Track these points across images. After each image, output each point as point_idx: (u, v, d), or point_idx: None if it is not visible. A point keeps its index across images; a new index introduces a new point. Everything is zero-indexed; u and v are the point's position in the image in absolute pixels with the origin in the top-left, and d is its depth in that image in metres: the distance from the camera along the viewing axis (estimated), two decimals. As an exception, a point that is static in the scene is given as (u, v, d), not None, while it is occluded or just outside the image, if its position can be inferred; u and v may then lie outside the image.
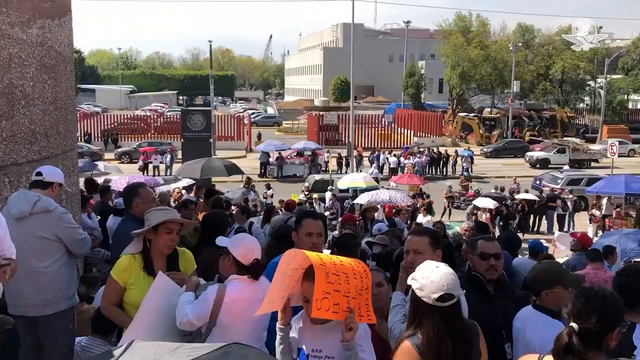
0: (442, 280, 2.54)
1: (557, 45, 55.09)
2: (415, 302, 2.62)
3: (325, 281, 2.54)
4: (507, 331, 3.49)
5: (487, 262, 3.62)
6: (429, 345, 2.52)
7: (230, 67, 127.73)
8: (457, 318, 2.61)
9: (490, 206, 18.37)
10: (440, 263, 2.70)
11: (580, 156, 35.45)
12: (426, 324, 2.55)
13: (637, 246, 11.68)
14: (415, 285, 2.61)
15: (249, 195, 17.81)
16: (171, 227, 3.70)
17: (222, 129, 42.30)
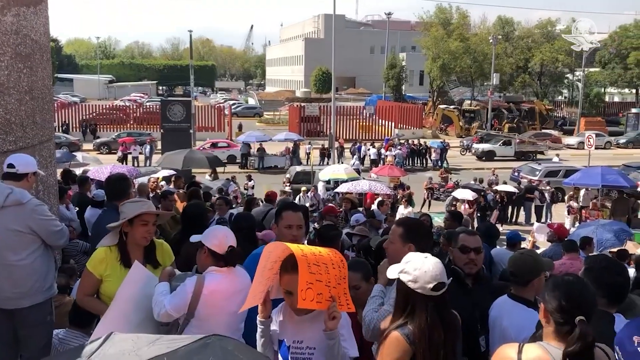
0: (435, 269, 2.60)
1: (536, 38, 55.68)
2: (406, 293, 2.64)
3: (307, 272, 2.55)
4: (483, 324, 3.52)
5: (467, 255, 3.62)
6: (421, 334, 2.56)
7: (211, 57, 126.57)
8: (446, 308, 2.67)
9: (469, 197, 18.56)
10: (426, 254, 2.73)
11: (526, 148, 35.68)
12: (419, 314, 2.58)
13: (612, 237, 11.93)
14: (407, 277, 2.62)
15: (229, 186, 17.74)
16: (147, 219, 3.68)
17: (203, 120, 42.00)
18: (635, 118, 47.54)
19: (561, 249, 8.15)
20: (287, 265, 2.66)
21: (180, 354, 1.63)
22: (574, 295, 2.37)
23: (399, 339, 2.59)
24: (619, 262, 3.27)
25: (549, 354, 2.32)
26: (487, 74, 50.05)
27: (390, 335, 2.64)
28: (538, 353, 2.34)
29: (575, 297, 2.36)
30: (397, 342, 2.60)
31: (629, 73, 53.34)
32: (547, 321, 2.40)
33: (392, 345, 2.61)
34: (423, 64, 56.35)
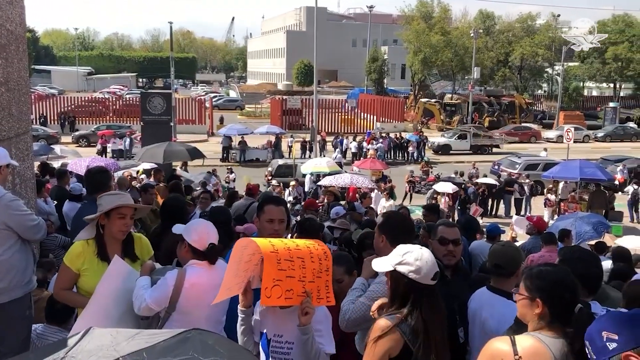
0: (433, 259, 2.68)
1: (516, 33, 56.13)
2: (404, 285, 2.65)
3: (276, 269, 2.56)
4: (462, 316, 3.56)
5: (446, 247, 3.66)
6: (425, 324, 2.60)
7: (192, 49, 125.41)
8: (438, 296, 2.73)
9: (449, 191, 18.72)
10: (422, 246, 2.78)
11: (482, 142, 35.94)
12: (419, 304, 2.62)
13: (591, 229, 12.14)
14: (409, 268, 2.63)
15: (210, 180, 17.64)
16: (124, 212, 3.63)
17: (183, 113, 41.64)
18: (613, 112, 48.21)
19: (540, 242, 8.25)
20: None
21: (159, 348, 1.62)
22: (571, 285, 2.46)
23: (391, 329, 2.61)
24: (592, 253, 3.33)
25: (542, 342, 2.36)
26: (468, 68, 50.34)
27: (381, 324, 2.65)
28: (532, 342, 2.38)
29: (572, 286, 2.46)
30: (389, 332, 2.61)
31: (607, 68, 54.06)
32: (542, 314, 2.43)
33: (388, 342, 2.61)
34: (405, 58, 56.46)
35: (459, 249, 3.73)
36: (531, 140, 41.04)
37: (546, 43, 54.28)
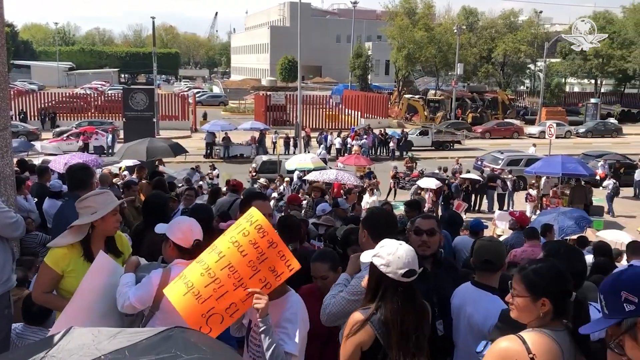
0: (407, 256, 2.67)
1: (499, 29, 56.56)
2: (378, 277, 2.70)
3: (199, 310, 2.58)
4: (441, 309, 3.57)
5: (420, 237, 3.68)
6: (393, 318, 2.62)
7: (175, 44, 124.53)
8: (416, 293, 2.74)
9: (433, 186, 18.83)
10: (402, 241, 2.79)
11: (443, 138, 36.14)
12: (390, 299, 2.65)
13: (573, 224, 12.30)
14: (380, 261, 2.68)
15: (193, 176, 17.54)
16: (116, 210, 3.63)
17: (166, 108, 41.33)
18: (594, 108, 48.81)
19: (523, 237, 8.32)
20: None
21: (141, 347, 1.60)
22: (568, 277, 2.50)
23: (364, 323, 2.65)
24: (576, 248, 3.36)
25: (550, 337, 2.37)
26: (452, 64, 50.63)
27: (355, 318, 2.69)
28: (542, 339, 2.36)
29: (569, 278, 2.50)
30: (361, 325, 2.66)
31: (589, 64, 54.73)
32: (548, 311, 2.42)
33: (357, 329, 2.67)
34: (389, 54, 56.61)
35: (434, 240, 3.72)
36: (514, 136, 41.42)
37: (528, 39, 54.80)
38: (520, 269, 2.56)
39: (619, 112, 51.60)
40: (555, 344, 2.35)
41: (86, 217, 3.54)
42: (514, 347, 2.36)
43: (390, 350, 2.61)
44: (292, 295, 2.96)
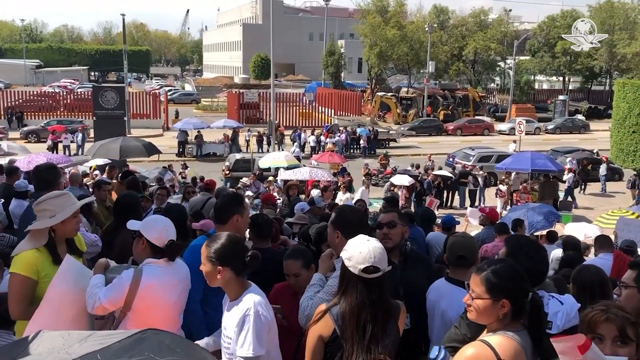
0: (370, 253, 2.66)
1: (470, 27, 57.21)
2: (343, 271, 2.74)
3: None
4: (408, 302, 3.60)
5: (381, 231, 3.72)
6: (351, 312, 2.64)
7: (146, 42, 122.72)
8: (380, 290, 2.72)
9: (406, 183, 18.98)
10: (371, 238, 2.81)
11: (379, 136, 35.89)
12: (350, 292, 2.67)
13: (543, 219, 12.54)
14: (345, 255, 2.72)
15: (165, 175, 17.35)
16: (76, 212, 3.55)
17: (137, 107, 40.75)
18: (562, 105, 49.70)
19: (493, 232, 8.44)
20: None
21: (114, 349, 1.58)
22: (525, 277, 2.50)
23: (324, 313, 2.70)
24: (539, 247, 3.41)
25: (514, 340, 2.37)
26: (423, 62, 51.01)
27: (322, 312, 2.73)
28: (507, 342, 2.36)
29: (525, 277, 2.50)
30: (322, 315, 2.71)
31: (557, 61, 55.78)
32: (507, 312, 2.41)
33: (318, 318, 2.72)
34: (361, 51, 56.76)
35: (395, 232, 3.73)
36: (484, 133, 41.96)
37: (498, 37, 55.57)
38: (478, 270, 2.52)
39: (586, 109, 52.66)
40: (519, 346, 2.36)
41: (45, 221, 3.42)
42: (483, 352, 2.33)
43: (345, 342, 2.64)
44: (246, 294, 2.93)
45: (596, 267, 4.03)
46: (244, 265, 2.93)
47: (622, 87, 22.16)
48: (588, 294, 3.40)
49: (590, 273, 3.80)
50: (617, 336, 2.06)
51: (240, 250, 2.96)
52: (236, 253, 2.92)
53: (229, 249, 2.90)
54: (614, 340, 2.07)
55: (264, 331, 2.82)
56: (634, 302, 2.74)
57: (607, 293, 3.67)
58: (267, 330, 2.87)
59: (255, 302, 2.86)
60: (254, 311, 2.81)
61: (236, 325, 2.80)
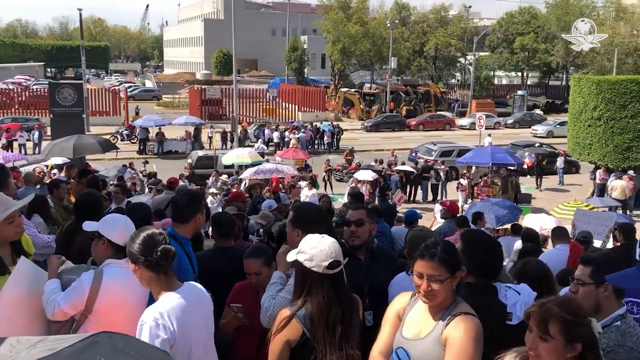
0: (330, 248, 2.67)
1: (431, 23, 57.90)
2: (303, 273, 2.70)
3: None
4: (372, 299, 3.61)
5: (349, 229, 3.74)
6: (319, 312, 2.62)
7: (104, 37, 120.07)
8: (343, 285, 2.74)
9: (370, 178, 19.11)
10: (323, 234, 2.80)
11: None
12: (316, 293, 2.65)
13: (507, 212, 12.85)
14: (304, 257, 2.68)
15: (125, 173, 17.03)
16: (12, 215, 3.31)
17: (96, 104, 39.87)
18: (521, 100, 50.76)
19: (454, 225, 8.58)
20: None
21: (64, 355, 1.53)
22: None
23: (290, 318, 2.65)
24: (495, 242, 3.48)
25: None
26: (386, 58, 51.37)
27: (286, 318, 2.68)
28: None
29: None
30: (288, 321, 2.66)
31: (515, 57, 56.96)
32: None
33: (284, 325, 2.66)
34: (324, 47, 56.82)
35: (363, 230, 3.75)
36: (446, 128, 42.56)
37: (458, 34, 56.40)
38: (431, 256, 2.59)
39: (544, 104, 53.91)
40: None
41: None
42: (478, 322, 2.53)
43: (316, 344, 2.62)
44: (162, 297, 2.76)
45: (538, 261, 4.09)
46: (157, 262, 2.72)
47: (578, 82, 22.75)
48: (535, 287, 3.47)
49: (533, 267, 3.85)
50: (538, 331, 2.09)
51: (149, 246, 2.72)
52: (145, 249, 2.72)
53: (138, 245, 2.75)
54: (537, 334, 2.11)
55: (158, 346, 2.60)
56: (592, 298, 2.76)
57: (552, 285, 3.75)
58: (167, 344, 2.61)
59: (155, 311, 2.66)
60: (147, 324, 2.63)
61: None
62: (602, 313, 2.72)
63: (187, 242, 3.87)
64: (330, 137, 33.43)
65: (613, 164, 20.94)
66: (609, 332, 2.61)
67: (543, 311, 2.10)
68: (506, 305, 3.07)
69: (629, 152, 20.53)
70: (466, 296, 2.84)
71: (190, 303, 2.77)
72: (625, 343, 2.54)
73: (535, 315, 2.12)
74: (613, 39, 47.03)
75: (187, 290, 2.82)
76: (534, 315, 2.12)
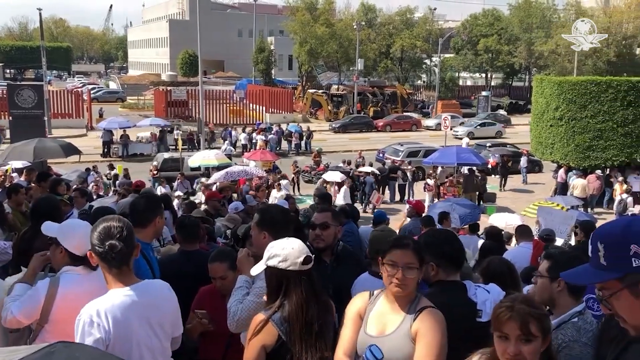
0: (300, 245, 2.71)
1: (397, 25, 58.45)
2: (277, 276, 2.68)
3: None
4: (337, 301, 3.62)
5: (314, 232, 3.76)
6: (299, 310, 2.61)
7: (66, 38, 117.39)
8: (318, 283, 2.76)
9: (338, 179, 19.17)
10: (287, 237, 2.80)
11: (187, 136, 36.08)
12: (294, 290, 2.64)
13: (470, 212, 13.05)
14: (277, 260, 2.67)
15: (87, 177, 16.69)
16: None
17: (58, 106, 38.92)
18: (485, 101, 51.63)
19: (420, 224, 8.66)
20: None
21: (18, 367, 1.48)
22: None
23: (266, 322, 2.63)
24: (452, 233, 3.56)
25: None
26: (353, 59, 51.61)
27: (260, 322, 2.66)
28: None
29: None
30: (263, 325, 2.63)
31: (479, 59, 57.96)
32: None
33: (259, 329, 2.64)
34: (291, 48, 56.77)
35: (328, 233, 3.78)
36: (413, 129, 42.99)
37: (424, 35, 57.06)
38: (405, 245, 2.70)
39: (508, 104, 54.97)
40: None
41: None
42: (442, 315, 2.63)
43: (293, 345, 2.60)
44: (109, 293, 2.71)
45: (502, 258, 4.17)
46: (106, 255, 2.65)
47: (540, 83, 23.27)
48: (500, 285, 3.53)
49: (498, 265, 3.92)
50: (520, 335, 2.07)
51: (102, 238, 2.67)
52: (98, 240, 2.67)
53: (95, 234, 2.69)
54: (518, 338, 2.08)
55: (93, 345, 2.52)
56: (547, 292, 2.84)
57: (517, 283, 3.82)
58: (101, 344, 2.54)
59: (93, 308, 2.58)
60: (82, 320, 2.57)
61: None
62: (558, 308, 2.80)
63: (147, 247, 3.79)
64: (298, 139, 33.41)
65: (574, 162, 21.48)
66: (565, 328, 2.67)
67: (519, 313, 2.08)
68: (476, 303, 3.13)
69: (590, 151, 21.09)
70: (436, 293, 2.87)
71: (140, 303, 2.67)
72: (580, 339, 2.59)
73: (513, 320, 2.08)
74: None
75: (141, 289, 2.71)
76: (512, 320, 2.08)
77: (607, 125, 20.66)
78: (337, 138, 38.70)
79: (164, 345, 2.81)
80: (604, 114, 20.67)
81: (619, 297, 1.74)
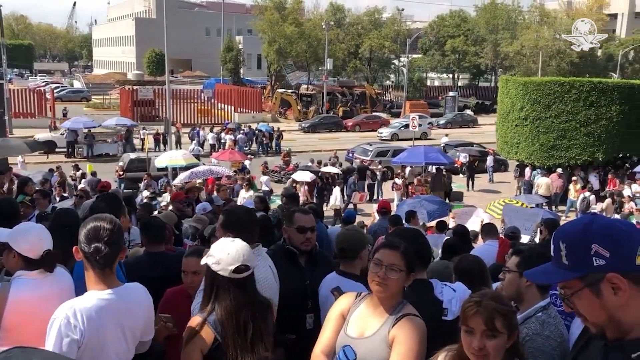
0: (239, 252, 2.62)
1: (365, 25, 58.76)
2: (211, 277, 2.65)
3: None
4: (315, 302, 3.62)
5: (304, 235, 3.72)
6: (228, 316, 2.57)
7: (28, 36, 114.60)
8: (253, 289, 2.70)
9: (307, 179, 19.16)
10: (235, 238, 2.75)
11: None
12: (223, 296, 2.60)
13: (438, 207, 13.19)
14: (211, 260, 2.63)
15: (50, 177, 16.29)
16: None
17: (20, 105, 37.98)
18: (452, 101, 52.31)
19: (387, 223, 8.70)
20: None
21: (-31, 375, 1.42)
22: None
23: (202, 325, 2.60)
24: (419, 231, 3.60)
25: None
26: (322, 59, 51.71)
27: (193, 321, 2.63)
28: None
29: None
30: (200, 328, 2.60)
31: (447, 59, 58.73)
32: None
33: (196, 331, 2.61)
34: (260, 48, 56.52)
35: (314, 236, 3.82)
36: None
37: (392, 36, 57.51)
38: (396, 246, 2.70)
39: (474, 104, 55.82)
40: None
41: None
42: (423, 324, 2.62)
43: (227, 348, 2.58)
44: (87, 294, 2.65)
45: (474, 256, 4.24)
46: (89, 256, 2.60)
47: (506, 84, 23.67)
48: (469, 281, 3.57)
49: (469, 262, 3.98)
50: (485, 330, 2.10)
51: (89, 239, 2.62)
52: (85, 240, 2.62)
53: (82, 233, 2.63)
54: (483, 333, 2.10)
55: (65, 347, 2.46)
56: (515, 287, 2.87)
57: (486, 279, 3.87)
58: (76, 345, 2.48)
59: (69, 308, 2.51)
60: (58, 320, 2.50)
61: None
62: (525, 303, 2.84)
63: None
64: (268, 138, 33.26)
65: (539, 161, 21.93)
66: (530, 322, 2.72)
67: (486, 309, 2.11)
68: (442, 301, 3.15)
69: (554, 150, 21.55)
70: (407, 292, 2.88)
71: (117, 307, 2.62)
72: (542, 332, 2.64)
73: (479, 315, 2.11)
74: (537, 42, 49.35)
75: (120, 294, 2.66)
76: (478, 315, 2.11)
77: (570, 125, 21.12)
78: (306, 138, 38.68)
79: (130, 350, 2.77)
80: (568, 114, 21.13)
81: (580, 296, 1.73)
